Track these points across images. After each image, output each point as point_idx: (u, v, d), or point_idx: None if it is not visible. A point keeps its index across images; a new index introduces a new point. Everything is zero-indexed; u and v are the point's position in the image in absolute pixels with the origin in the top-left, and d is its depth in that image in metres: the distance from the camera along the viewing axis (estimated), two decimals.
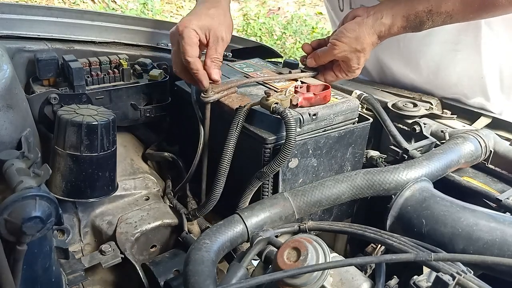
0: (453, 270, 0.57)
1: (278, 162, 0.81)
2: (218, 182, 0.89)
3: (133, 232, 0.93)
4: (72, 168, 0.86)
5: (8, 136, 0.79)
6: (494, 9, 0.95)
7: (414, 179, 0.83)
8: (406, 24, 0.97)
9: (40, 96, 0.97)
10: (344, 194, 0.85)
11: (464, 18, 0.98)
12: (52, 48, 1.11)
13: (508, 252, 0.67)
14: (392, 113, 1.12)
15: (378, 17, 0.98)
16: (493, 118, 1.15)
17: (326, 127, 0.91)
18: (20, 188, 0.60)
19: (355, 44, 0.99)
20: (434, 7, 0.95)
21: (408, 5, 0.97)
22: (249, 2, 5.48)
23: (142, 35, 1.27)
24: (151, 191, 1.06)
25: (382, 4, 1.00)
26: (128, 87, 1.07)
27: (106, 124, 0.87)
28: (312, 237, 0.67)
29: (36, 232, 0.59)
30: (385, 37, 1.00)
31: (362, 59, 1.02)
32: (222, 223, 0.79)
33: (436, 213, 0.75)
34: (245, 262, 0.69)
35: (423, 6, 0.95)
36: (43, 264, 0.67)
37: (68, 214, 0.95)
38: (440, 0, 0.94)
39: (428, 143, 1.00)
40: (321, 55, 1.04)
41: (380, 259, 0.64)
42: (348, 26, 1.00)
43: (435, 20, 0.96)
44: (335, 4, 1.32)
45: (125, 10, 4.78)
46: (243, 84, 1.00)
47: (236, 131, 0.87)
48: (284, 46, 4.67)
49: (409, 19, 0.96)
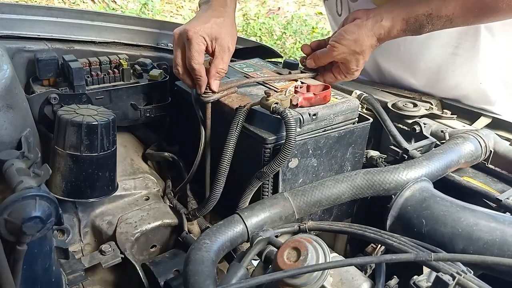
0: (453, 270, 0.57)
1: (278, 162, 0.81)
2: (218, 182, 0.89)
3: (133, 232, 0.93)
4: (72, 168, 0.86)
5: (8, 136, 0.79)
6: (495, 14, 0.95)
7: (414, 179, 0.83)
8: (406, 27, 0.97)
9: (40, 96, 0.97)
10: (344, 194, 0.85)
11: (464, 22, 0.98)
12: (52, 48, 1.11)
13: (508, 252, 0.67)
14: (392, 113, 1.12)
15: (377, 20, 0.98)
16: (493, 118, 1.15)
17: (326, 127, 0.91)
18: (20, 188, 0.60)
19: (354, 46, 0.99)
20: (434, 11, 0.95)
21: (408, 8, 0.97)
22: (249, 2, 5.48)
23: (142, 35, 1.27)
24: (151, 191, 1.06)
25: (382, 7, 1.00)
26: (128, 87, 1.07)
27: (106, 124, 0.87)
28: (312, 237, 0.67)
29: (36, 232, 0.59)
30: (384, 39, 1.00)
31: (361, 61, 1.02)
32: (222, 223, 0.79)
33: (436, 213, 0.75)
34: (245, 262, 0.69)
35: (423, 9, 0.95)
36: (43, 264, 0.67)
37: (68, 214, 0.95)
38: (440, 4, 0.94)
39: (428, 143, 1.00)
40: (320, 57, 1.05)
41: (380, 259, 0.64)
42: (347, 28, 1.00)
43: (435, 24, 0.96)
44: (333, 8, 1.32)
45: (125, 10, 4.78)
46: (243, 84, 1.00)
47: (236, 131, 0.87)
48: (284, 46, 4.67)
49: (408, 22, 0.96)
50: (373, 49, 1.01)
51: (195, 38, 0.90)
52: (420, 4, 0.96)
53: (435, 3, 0.94)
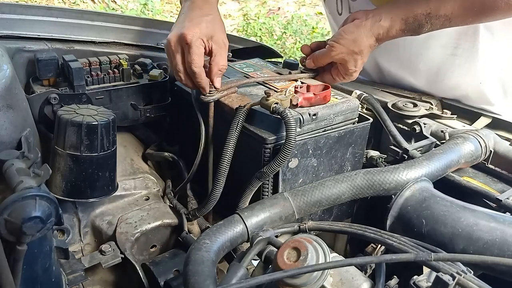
0: (453, 270, 0.57)
1: (278, 162, 0.81)
2: (218, 182, 0.89)
3: (133, 232, 0.93)
4: (72, 168, 0.86)
5: (8, 136, 0.79)
6: (494, 13, 0.95)
7: (414, 179, 0.83)
8: (405, 27, 0.97)
9: (40, 96, 0.97)
10: (344, 194, 0.85)
11: (463, 22, 0.98)
12: (52, 48, 1.11)
13: (508, 252, 0.67)
14: (392, 113, 1.12)
15: (376, 20, 0.98)
16: (493, 118, 1.15)
17: (326, 127, 0.91)
18: (20, 188, 0.60)
19: (352, 46, 0.99)
20: (433, 10, 0.95)
21: (407, 8, 0.97)
22: (249, 2, 5.48)
23: (142, 35, 1.27)
24: (151, 191, 1.06)
25: (381, 7, 1.00)
26: (128, 87, 1.07)
27: (106, 124, 0.87)
28: (312, 237, 0.67)
29: (36, 232, 0.59)
30: (383, 39, 1.00)
31: (359, 62, 1.02)
32: (222, 223, 0.79)
33: (436, 213, 0.75)
34: (245, 262, 0.69)
35: (422, 9, 0.95)
36: (43, 264, 0.67)
37: (68, 214, 0.95)
38: (439, 3, 0.94)
39: (428, 143, 1.00)
40: (319, 57, 1.05)
41: (380, 259, 0.64)
42: (346, 28, 1.00)
43: (434, 24, 0.96)
44: (333, 8, 1.32)
45: (125, 10, 4.78)
46: (243, 84, 1.00)
47: (236, 131, 0.87)
48: (284, 46, 4.67)
49: (407, 21, 0.97)
50: (372, 49, 1.01)
51: (195, 41, 0.90)
52: (419, 4, 0.96)
53: (434, 2, 0.94)
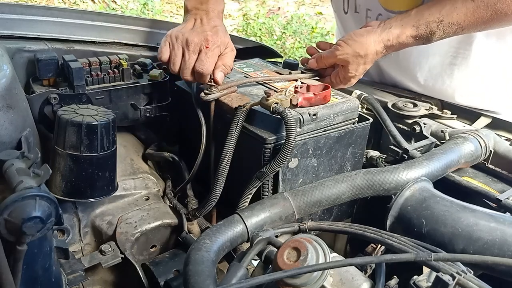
0: (453, 270, 0.57)
1: (278, 162, 0.81)
2: (218, 182, 0.89)
3: (133, 232, 0.93)
4: (72, 168, 0.86)
5: (8, 136, 0.79)
6: (506, 19, 0.96)
7: (414, 179, 0.83)
8: (416, 33, 0.98)
9: (40, 96, 0.97)
10: (344, 194, 0.85)
11: (475, 29, 0.99)
12: (52, 48, 1.11)
13: (508, 252, 0.67)
14: (392, 113, 1.12)
15: (387, 27, 1.00)
16: (493, 118, 1.15)
17: (326, 127, 0.91)
18: (20, 188, 0.60)
19: (359, 49, 0.99)
20: (445, 18, 0.96)
21: (418, 15, 0.98)
22: (249, 2, 5.48)
23: (142, 35, 1.27)
24: (151, 191, 1.06)
25: (393, 17, 1.02)
26: (128, 87, 1.07)
27: (106, 124, 0.87)
28: (312, 237, 0.67)
29: (36, 232, 0.59)
30: (393, 47, 1.01)
31: (361, 67, 1.02)
32: (222, 223, 0.79)
33: (436, 213, 0.75)
34: (245, 262, 0.69)
35: (434, 16, 0.97)
36: (43, 264, 0.67)
37: (68, 214, 0.95)
38: (451, 10, 0.95)
39: (428, 143, 1.00)
40: (324, 57, 1.05)
41: (380, 259, 0.64)
42: (357, 31, 1.02)
43: (446, 31, 0.97)
44: (340, 6, 1.33)
45: (125, 10, 4.78)
46: (243, 84, 1.00)
47: (236, 131, 0.87)
48: (284, 46, 4.67)
49: (419, 28, 0.98)
50: (378, 57, 1.02)
51: (214, 49, 0.96)
52: (431, 12, 0.97)
53: (446, 10, 0.95)
